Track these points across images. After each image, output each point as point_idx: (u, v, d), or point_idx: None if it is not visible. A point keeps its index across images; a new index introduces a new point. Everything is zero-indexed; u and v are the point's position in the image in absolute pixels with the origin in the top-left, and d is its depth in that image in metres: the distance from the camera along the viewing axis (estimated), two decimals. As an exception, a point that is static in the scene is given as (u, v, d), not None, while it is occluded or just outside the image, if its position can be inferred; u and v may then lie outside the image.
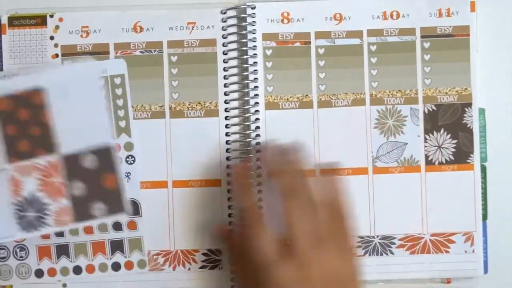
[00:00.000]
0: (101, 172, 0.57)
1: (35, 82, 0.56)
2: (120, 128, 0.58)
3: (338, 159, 0.59)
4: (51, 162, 0.56)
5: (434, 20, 0.59)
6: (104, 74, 0.58)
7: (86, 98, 0.57)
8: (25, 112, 0.56)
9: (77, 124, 0.56)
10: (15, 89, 0.56)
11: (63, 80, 0.57)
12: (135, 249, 0.58)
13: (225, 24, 0.59)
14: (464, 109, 0.59)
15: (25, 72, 0.57)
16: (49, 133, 0.56)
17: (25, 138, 0.56)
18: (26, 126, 0.56)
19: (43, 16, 0.59)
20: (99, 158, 0.56)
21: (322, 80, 0.59)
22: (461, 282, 0.59)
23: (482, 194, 0.59)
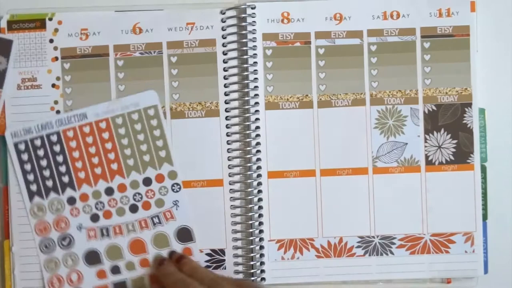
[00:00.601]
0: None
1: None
2: (160, 158, 0.58)
3: (338, 159, 0.59)
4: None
5: (434, 20, 0.59)
6: (136, 108, 0.58)
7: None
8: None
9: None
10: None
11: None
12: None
13: (225, 24, 0.59)
14: (464, 109, 0.59)
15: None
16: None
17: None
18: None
19: (42, 20, 0.59)
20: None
21: (322, 80, 0.59)
22: (461, 282, 0.60)
23: (482, 194, 0.59)
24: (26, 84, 0.59)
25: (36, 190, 0.58)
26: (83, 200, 0.58)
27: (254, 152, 0.58)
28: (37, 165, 0.57)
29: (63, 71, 0.59)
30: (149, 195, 0.58)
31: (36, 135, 0.57)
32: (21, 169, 0.57)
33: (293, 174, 0.59)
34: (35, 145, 0.57)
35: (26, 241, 0.58)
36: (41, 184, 0.57)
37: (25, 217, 0.58)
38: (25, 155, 0.57)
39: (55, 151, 0.57)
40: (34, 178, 0.57)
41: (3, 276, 0.59)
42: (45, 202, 0.57)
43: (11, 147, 0.57)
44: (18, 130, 0.58)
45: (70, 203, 0.57)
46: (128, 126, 0.58)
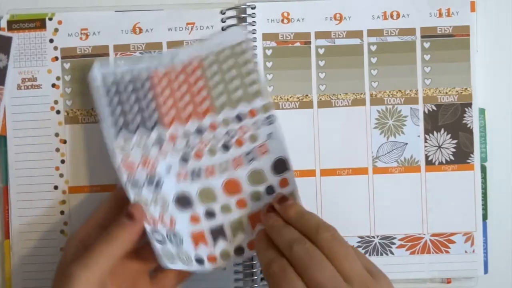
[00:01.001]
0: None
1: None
2: (253, 93, 0.56)
3: (338, 159, 0.59)
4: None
5: (434, 20, 0.59)
6: (226, 45, 0.56)
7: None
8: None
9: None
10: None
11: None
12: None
13: (225, 24, 0.59)
14: (464, 109, 0.59)
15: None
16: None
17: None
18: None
19: (42, 20, 0.59)
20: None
21: (322, 80, 0.59)
22: (461, 282, 0.60)
23: (482, 194, 0.59)
24: (26, 84, 0.59)
25: (123, 123, 0.54)
26: (172, 140, 0.55)
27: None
28: (126, 99, 0.55)
29: (63, 71, 0.59)
30: (242, 131, 0.55)
31: (127, 68, 0.55)
32: (109, 103, 0.54)
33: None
34: (125, 79, 0.55)
35: (26, 241, 0.59)
36: (129, 118, 0.54)
37: (25, 217, 0.58)
38: (113, 87, 0.55)
39: (145, 88, 0.55)
40: (121, 112, 0.54)
41: (3, 276, 0.59)
42: (133, 137, 0.54)
43: (99, 76, 0.55)
44: (107, 62, 0.56)
45: (159, 142, 0.54)
46: (219, 63, 0.56)
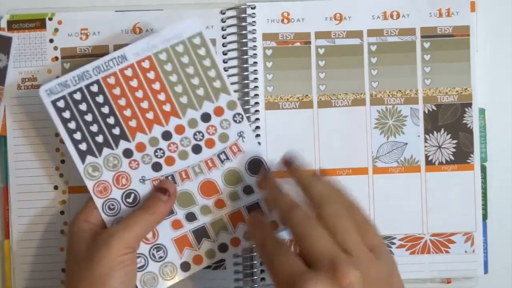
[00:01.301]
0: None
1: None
2: (216, 89, 0.54)
3: (338, 159, 0.59)
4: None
5: (434, 20, 0.59)
6: (179, 39, 0.53)
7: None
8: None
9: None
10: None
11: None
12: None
13: (225, 24, 0.59)
14: (464, 109, 0.59)
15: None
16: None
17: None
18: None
19: (42, 20, 0.59)
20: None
21: (322, 80, 0.59)
22: (461, 282, 0.60)
23: (482, 194, 0.59)
24: (26, 84, 0.59)
25: (87, 148, 0.53)
26: (140, 150, 0.53)
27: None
28: (82, 121, 0.53)
29: (63, 71, 0.59)
30: (211, 131, 0.54)
31: (74, 88, 0.52)
32: (65, 128, 0.52)
33: (293, 174, 0.59)
34: (75, 99, 0.52)
35: (26, 241, 0.58)
36: (90, 142, 0.53)
37: (25, 217, 0.59)
38: (66, 112, 0.52)
39: (98, 102, 0.52)
40: (82, 136, 0.53)
41: (3, 276, 0.59)
42: (100, 160, 0.53)
43: (49, 106, 0.52)
44: (53, 86, 0.52)
45: (127, 156, 0.53)
46: (174, 60, 0.53)
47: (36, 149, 0.59)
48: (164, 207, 0.53)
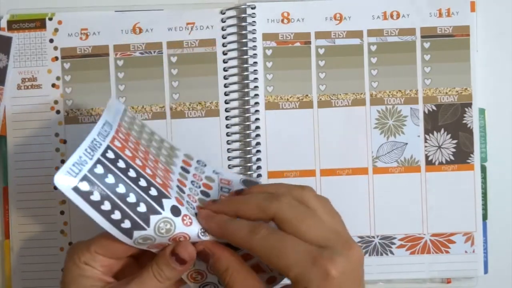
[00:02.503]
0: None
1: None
2: (171, 148, 0.53)
3: (338, 159, 0.59)
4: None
5: (434, 20, 0.59)
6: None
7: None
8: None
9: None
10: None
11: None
12: None
13: (225, 24, 0.59)
14: (464, 109, 0.59)
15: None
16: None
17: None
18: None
19: (42, 19, 0.59)
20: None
21: (322, 80, 0.59)
22: (461, 282, 0.59)
23: (482, 194, 0.59)
24: (26, 84, 0.59)
25: (131, 225, 0.42)
26: (181, 203, 0.45)
27: (254, 152, 0.58)
28: (116, 196, 0.42)
29: (63, 71, 0.59)
30: (198, 177, 0.50)
31: (92, 161, 0.41)
32: (100, 213, 0.42)
33: (293, 174, 0.59)
34: (99, 174, 0.42)
35: (26, 241, 0.59)
36: (133, 216, 0.42)
37: (25, 217, 0.59)
38: (94, 194, 0.41)
39: (122, 168, 0.43)
40: (122, 214, 0.42)
41: (3, 276, 0.59)
42: (150, 231, 0.43)
43: (73, 196, 0.41)
44: (68, 169, 0.41)
45: (177, 214, 0.43)
46: (132, 131, 0.48)
47: (36, 149, 0.59)
48: (176, 277, 0.45)
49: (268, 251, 0.42)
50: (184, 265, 0.44)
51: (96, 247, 0.45)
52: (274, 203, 0.43)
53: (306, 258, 0.41)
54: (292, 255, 0.41)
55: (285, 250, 0.42)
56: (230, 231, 0.44)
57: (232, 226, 0.44)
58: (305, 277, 0.41)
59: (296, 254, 0.41)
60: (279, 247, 0.42)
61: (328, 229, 0.43)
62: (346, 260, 0.41)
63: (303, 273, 0.41)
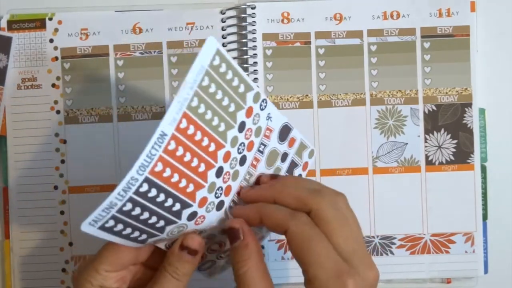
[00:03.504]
0: None
1: None
2: (242, 95, 0.46)
3: (338, 159, 0.59)
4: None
5: (434, 20, 0.59)
6: (202, 72, 0.43)
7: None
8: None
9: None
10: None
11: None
12: (302, 151, 0.52)
13: (225, 24, 0.59)
14: (464, 109, 0.59)
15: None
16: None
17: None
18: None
19: (42, 20, 0.59)
20: None
21: (322, 80, 0.59)
22: (461, 282, 0.60)
23: (482, 194, 0.59)
24: (26, 84, 0.59)
25: (147, 237, 0.44)
26: (203, 205, 0.45)
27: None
28: (139, 222, 0.43)
29: (63, 71, 0.59)
30: (248, 135, 0.48)
31: (122, 202, 0.41)
32: (121, 236, 0.43)
33: (293, 174, 0.59)
34: (126, 211, 0.41)
35: (26, 241, 0.59)
36: (151, 231, 0.44)
37: (25, 217, 0.59)
38: (118, 226, 0.42)
39: (151, 197, 0.42)
40: (141, 232, 0.43)
41: (3, 276, 0.59)
42: (162, 236, 0.45)
43: (98, 233, 0.41)
44: (97, 215, 0.40)
45: (192, 218, 0.45)
46: (205, 98, 0.44)
47: (36, 149, 0.59)
48: (191, 269, 0.45)
49: (300, 240, 0.42)
50: (196, 255, 0.45)
51: (104, 265, 0.44)
52: (318, 199, 0.43)
53: (332, 267, 0.41)
54: (321, 256, 0.41)
55: (316, 248, 0.42)
56: (268, 211, 0.44)
57: (271, 207, 0.44)
58: (324, 283, 0.41)
59: (324, 257, 0.41)
60: (312, 242, 0.42)
61: (357, 243, 0.43)
62: (365, 282, 0.42)
63: (323, 279, 0.41)
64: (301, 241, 0.42)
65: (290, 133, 0.51)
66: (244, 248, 0.44)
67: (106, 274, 0.44)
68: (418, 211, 0.59)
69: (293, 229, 0.42)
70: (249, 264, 0.44)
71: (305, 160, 0.52)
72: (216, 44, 0.44)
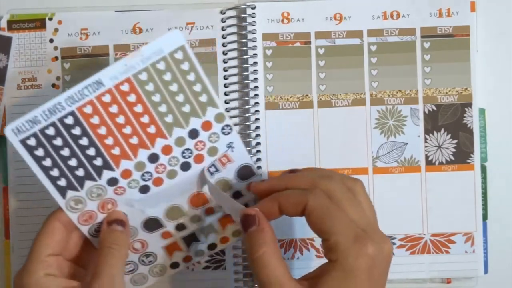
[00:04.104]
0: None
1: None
2: (202, 104, 0.48)
3: (338, 159, 0.59)
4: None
5: (434, 20, 0.59)
6: (160, 55, 0.47)
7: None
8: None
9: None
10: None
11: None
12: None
13: (225, 24, 0.59)
14: (464, 109, 0.59)
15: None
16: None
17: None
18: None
19: (42, 20, 0.59)
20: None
21: (322, 80, 0.59)
22: (461, 282, 0.60)
23: (482, 194, 0.59)
24: (26, 84, 0.59)
25: (67, 184, 0.48)
26: (126, 177, 0.49)
27: (254, 152, 0.58)
28: (59, 157, 0.47)
29: (63, 71, 0.59)
30: (199, 147, 0.50)
31: (46, 123, 0.46)
32: (40, 167, 0.47)
33: (293, 174, 0.59)
34: (48, 135, 0.46)
35: (26, 241, 0.58)
36: (70, 177, 0.48)
37: (25, 217, 0.58)
38: (39, 150, 0.46)
39: (75, 135, 0.46)
40: (60, 172, 0.47)
41: (3, 276, 0.59)
42: (82, 193, 0.48)
43: (19, 146, 0.46)
44: (20, 124, 0.45)
45: (112, 184, 0.48)
46: (156, 79, 0.47)
47: (36, 149, 0.59)
48: (125, 239, 0.49)
49: (320, 211, 0.45)
50: (125, 226, 0.49)
51: (44, 249, 0.48)
52: (327, 180, 0.46)
53: (351, 232, 0.44)
54: (340, 224, 0.44)
55: (336, 217, 0.44)
56: (284, 194, 0.47)
57: (286, 191, 0.47)
58: (345, 247, 0.43)
59: (343, 225, 0.44)
60: (331, 212, 0.45)
61: (368, 220, 0.46)
62: (380, 249, 0.44)
63: (344, 243, 0.44)
64: (321, 212, 0.45)
65: (252, 177, 0.52)
66: (260, 232, 0.46)
67: (48, 259, 0.48)
68: (418, 211, 0.59)
69: (311, 203, 0.45)
70: (264, 248, 0.46)
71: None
72: (182, 41, 0.47)
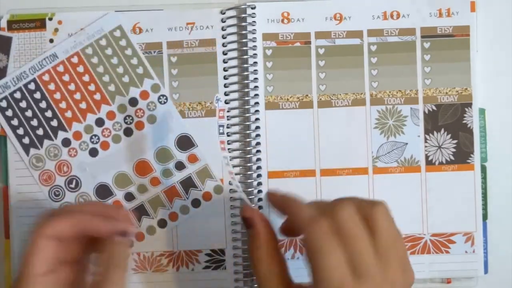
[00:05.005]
0: None
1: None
2: (139, 75, 0.59)
3: (338, 159, 0.59)
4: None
5: (434, 20, 0.59)
6: (101, 34, 0.58)
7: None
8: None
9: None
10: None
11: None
12: (206, 178, 0.58)
13: (225, 24, 0.59)
14: (464, 109, 0.59)
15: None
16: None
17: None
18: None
19: (42, 19, 0.59)
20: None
21: (322, 80, 0.59)
22: (461, 282, 0.59)
23: (482, 194, 0.59)
24: (26, 84, 0.59)
25: (29, 142, 0.58)
26: (77, 139, 0.58)
27: (254, 152, 0.58)
28: (24, 118, 0.58)
29: (63, 71, 0.60)
30: (139, 114, 0.58)
31: (14, 88, 0.58)
32: (9, 125, 0.58)
33: (293, 174, 0.59)
34: (16, 98, 0.58)
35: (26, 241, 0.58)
36: (32, 135, 0.58)
37: (25, 217, 0.58)
38: (9, 111, 0.58)
39: (36, 99, 0.58)
40: (24, 131, 0.58)
41: (3, 276, 0.59)
42: (42, 151, 0.58)
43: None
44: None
45: (66, 145, 0.58)
46: (99, 53, 0.58)
47: (36, 149, 0.59)
48: (129, 251, 0.52)
49: (310, 245, 0.42)
50: (127, 235, 0.48)
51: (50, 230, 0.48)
52: (337, 207, 0.43)
53: (337, 279, 0.41)
54: (324, 270, 0.41)
55: (324, 260, 0.41)
56: (295, 205, 0.46)
57: (298, 202, 0.46)
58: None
59: (327, 271, 0.41)
60: (324, 253, 0.42)
61: (373, 262, 0.42)
62: None
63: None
64: (311, 248, 0.42)
65: (192, 148, 0.58)
66: (257, 235, 0.48)
67: (40, 279, 0.47)
68: (418, 211, 0.59)
69: (306, 236, 0.43)
70: (257, 254, 0.47)
71: (207, 190, 0.58)
72: (120, 21, 0.58)
